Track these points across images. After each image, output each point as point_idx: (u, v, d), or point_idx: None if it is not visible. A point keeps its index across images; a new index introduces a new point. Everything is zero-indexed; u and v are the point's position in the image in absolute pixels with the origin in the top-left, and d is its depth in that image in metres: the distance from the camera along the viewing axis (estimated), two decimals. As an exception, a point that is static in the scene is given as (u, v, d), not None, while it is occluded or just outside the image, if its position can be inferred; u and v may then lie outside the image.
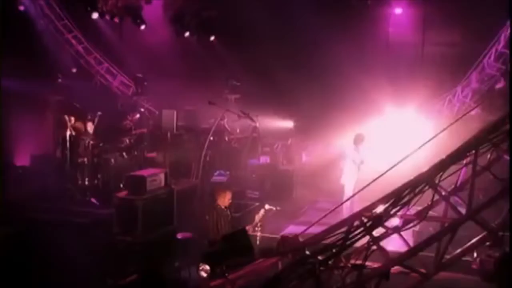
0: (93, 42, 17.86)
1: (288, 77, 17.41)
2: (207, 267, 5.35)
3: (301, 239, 5.40)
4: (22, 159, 13.65)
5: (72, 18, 17.07)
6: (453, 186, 5.77)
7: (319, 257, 5.04)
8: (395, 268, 5.27)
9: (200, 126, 15.88)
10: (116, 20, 15.67)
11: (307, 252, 5.20)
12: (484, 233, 5.28)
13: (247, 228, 8.71)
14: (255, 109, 15.94)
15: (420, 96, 15.32)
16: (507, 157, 5.41)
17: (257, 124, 16.01)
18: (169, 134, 15.05)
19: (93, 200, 11.70)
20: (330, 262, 5.03)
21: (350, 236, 5.07)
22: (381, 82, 15.86)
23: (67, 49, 17.16)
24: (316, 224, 5.84)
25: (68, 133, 11.76)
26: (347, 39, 16.68)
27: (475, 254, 5.70)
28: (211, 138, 15.05)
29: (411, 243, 5.42)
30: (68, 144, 11.72)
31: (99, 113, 12.55)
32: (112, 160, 12.35)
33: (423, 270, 5.16)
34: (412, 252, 4.97)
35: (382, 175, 5.70)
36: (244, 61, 17.96)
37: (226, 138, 16.03)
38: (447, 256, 5.12)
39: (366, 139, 12.80)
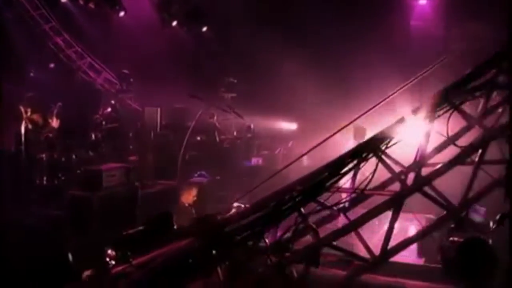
0: (74, 35, 17.69)
1: (291, 74, 17.03)
2: (113, 252, 5.03)
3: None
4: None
5: (50, 8, 16.95)
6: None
7: (237, 237, 4.65)
8: (335, 255, 4.86)
9: (188, 125, 15.60)
10: (92, 6, 15.50)
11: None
12: (443, 213, 4.88)
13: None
14: (254, 109, 15.66)
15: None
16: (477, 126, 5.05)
17: (252, 125, 15.81)
18: (152, 134, 14.93)
19: (51, 200, 11.46)
20: (249, 243, 4.64)
21: (275, 212, 4.68)
22: (398, 79, 15.38)
23: (44, 42, 16.98)
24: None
25: (23, 125, 11.53)
26: (362, 33, 16.27)
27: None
28: (198, 138, 14.96)
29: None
30: (23, 138, 11.47)
31: (59, 104, 12.33)
32: (74, 157, 12.08)
33: (366, 257, 4.73)
34: (342, 231, 4.53)
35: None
36: (241, 56, 17.61)
37: (217, 138, 15.72)
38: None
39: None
